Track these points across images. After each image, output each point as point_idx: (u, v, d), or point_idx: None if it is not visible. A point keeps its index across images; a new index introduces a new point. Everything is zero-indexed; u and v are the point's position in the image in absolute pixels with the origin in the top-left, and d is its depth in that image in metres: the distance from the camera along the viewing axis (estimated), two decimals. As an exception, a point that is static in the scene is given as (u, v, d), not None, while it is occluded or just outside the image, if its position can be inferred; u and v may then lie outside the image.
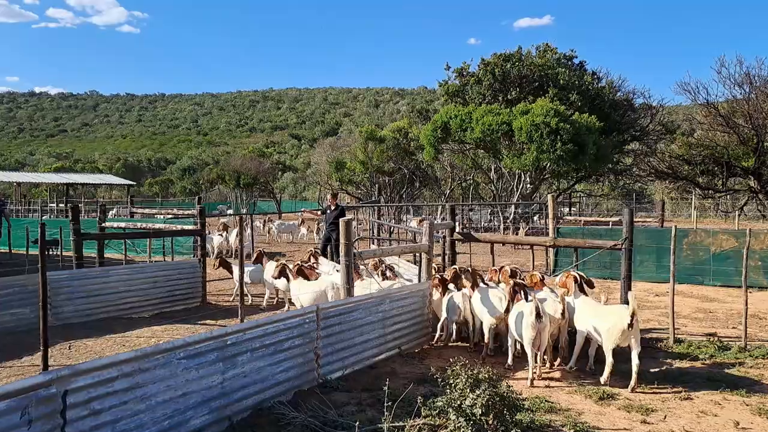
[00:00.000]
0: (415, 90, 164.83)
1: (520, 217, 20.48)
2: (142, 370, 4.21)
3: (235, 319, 9.91)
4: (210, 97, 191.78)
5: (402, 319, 7.57)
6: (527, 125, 17.67)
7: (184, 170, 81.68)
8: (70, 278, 9.20)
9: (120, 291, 9.77)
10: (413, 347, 7.76)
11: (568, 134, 17.44)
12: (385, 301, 7.25)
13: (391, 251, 7.86)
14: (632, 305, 6.07)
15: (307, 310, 6.02)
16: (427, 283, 8.19)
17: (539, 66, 21.91)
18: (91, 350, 7.77)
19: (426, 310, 8.10)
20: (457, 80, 24.07)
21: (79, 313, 9.22)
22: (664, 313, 10.38)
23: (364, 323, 6.85)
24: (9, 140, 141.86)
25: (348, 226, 6.95)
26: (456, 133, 19.41)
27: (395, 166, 28.16)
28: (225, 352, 4.93)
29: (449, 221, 9.37)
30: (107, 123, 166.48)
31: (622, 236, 8.29)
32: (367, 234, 20.23)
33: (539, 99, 19.45)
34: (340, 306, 6.52)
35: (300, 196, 59.40)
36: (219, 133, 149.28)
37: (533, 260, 9.15)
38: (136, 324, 9.29)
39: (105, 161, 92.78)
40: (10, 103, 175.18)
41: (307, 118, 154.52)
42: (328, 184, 31.73)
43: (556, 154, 17.32)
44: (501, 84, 21.93)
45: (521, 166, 18.20)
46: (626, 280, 8.27)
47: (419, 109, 31.12)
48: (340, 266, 10.43)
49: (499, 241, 8.94)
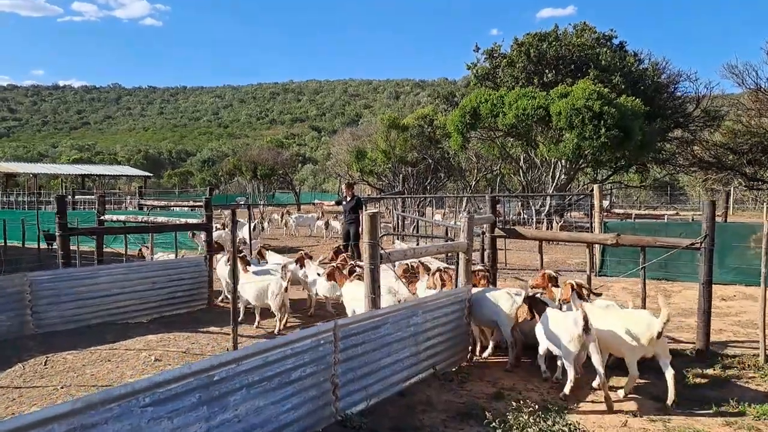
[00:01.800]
0: (435, 81, 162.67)
1: (554, 209, 18.98)
2: (86, 427, 2.97)
3: (245, 326, 8.71)
4: (231, 89, 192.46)
5: (437, 332, 6.28)
6: (567, 109, 16.11)
7: (203, 162, 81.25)
8: (54, 279, 8.04)
9: (113, 293, 8.60)
10: (450, 366, 6.47)
11: (613, 119, 15.84)
12: (417, 312, 5.96)
13: (425, 251, 6.54)
14: (665, 313, 5.12)
15: (321, 329, 4.73)
16: (466, 289, 6.87)
17: (578, 46, 20.24)
18: (70, 366, 6.60)
19: (465, 320, 6.80)
20: (487, 62, 22.49)
21: (65, 319, 8.07)
22: (737, 322, 8.92)
23: (393, 340, 5.57)
24: (33, 133, 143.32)
25: (373, 221, 5.63)
26: (486, 119, 17.89)
27: (419, 156, 26.69)
28: (211, 391, 3.67)
29: (489, 215, 8.02)
30: (129, 115, 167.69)
31: (702, 233, 6.86)
32: (390, 227, 18.90)
33: (580, 81, 17.83)
34: (364, 321, 5.23)
35: (320, 187, 58.38)
36: (239, 125, 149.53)
37: (590, 259, 7.75)
38: (131, 331, 8.13)
39: (125, 153, 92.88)
40: (34, 96, 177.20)
41: (327, 110, 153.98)
42: (348, 175, 30.39)
43: (599, 141, 15.74)
44: (536, 65, 20.30)
45: (559, 155, 16.67)
46: (706, 285, 6.85)
47: (445, 94, 29.44)
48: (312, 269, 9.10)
49: (549, 238, 7.58)
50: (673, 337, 7.87)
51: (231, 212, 5.25)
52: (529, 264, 13.78)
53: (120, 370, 6.45)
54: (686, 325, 8.63)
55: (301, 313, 9.36)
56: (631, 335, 5.33)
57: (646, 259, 7.07)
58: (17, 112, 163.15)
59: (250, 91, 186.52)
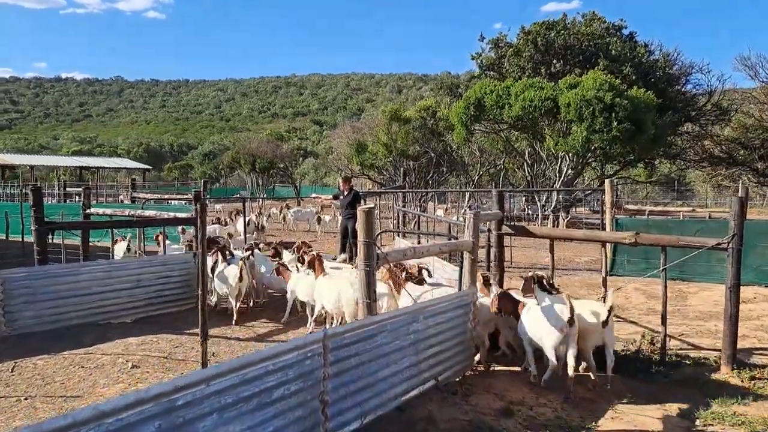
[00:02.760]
0: (438, 75, 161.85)
1: (561, 205, 18.36)
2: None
3: (240, 326, 8.18)
4: (233, 83, 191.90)
5: (440, 339, 5.71)
6: (576, 101, 15.46)
7: (204, 155, 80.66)
8: (29, 277, 7.49)
9: (94, 292, 8.06)
10: (453, 375, 5.91)
11: (625, 111, 15.17)
12: (418, 318, 5.40)
13: (426, 251, 5.96)
14: (611, 299, 5.54)
15: (308, 340, 4.16)
16: (472, 291, 6.32)
17: (587, 35, 19.52)
18: (40, 373, 6.06)
19: (470, 326, 6.24)
20: (493, 52, 21.78)
21: (42, 320, 7.53)
22: (760, 327, 8.35)
23: (391, 350, 4.99)
24: (35, 125, 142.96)
25: (368, 218, 5.06)
26: (491, 111, 17.22)
27: (421, 149, 26.00)
28: (174, 418, 3.11)
29: (497, 211, 7.44)
30: (131, 108, 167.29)
31: (729, 231, 6.27)
32: (390, 223, 18.32)
33: (590, 71, 17.14)
34: (358, 330, 4.66)
35: (321, 182, 57.83)
36: (241, 118, 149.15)
37: (605, 258, 7.16)
38: (112, 332, 7.60)
39: (126, 146, 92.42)
40: (36, 88, 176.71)
41: (329, 104, 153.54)
42: (349, 169, 29.73)
43: (610, 135, 15.08)
44: (543, 55, 19.58)
45: (567, 148, 16.02)
46: (734, 289, 6.27)
47: (448, 85, 28.58)
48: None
49: (562, 236, 7.01)
50: (693, 343, 7.33)
51: (200, 207, 4.65)
52: (535, 262, 13.18)
53: (93, 378, 5.92)
54: (706, 330, 8.07)
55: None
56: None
57: (667, 259, 6.48)
58: (19, 104, 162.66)
59: (253, 84, 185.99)
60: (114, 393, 5.52)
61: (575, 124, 15.98)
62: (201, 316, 5.33)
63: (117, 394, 5.51)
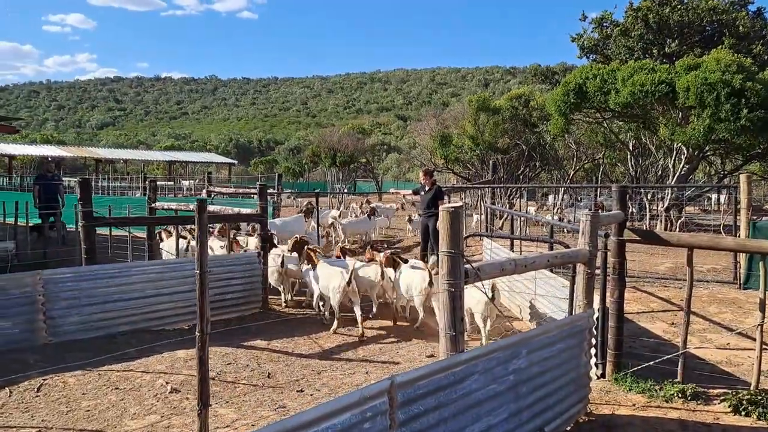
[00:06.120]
0: (527, 68, 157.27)
1: (672, 204, 16.13)
2: None
3: (305, 337, 7.14)
4: (319, 79, 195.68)
5: (546, 380, 4.29)
6: (697, 84, 13.28)
7: (290, 150, 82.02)
8: (76, 277, 6.75)
9: (147, 295, 7.24)
10: (563, 425, 4.48)
11: (758, 97, 12.86)
12: (520, 352, 3.98)
13: (531, 264, 4.54)
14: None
15: (367, 393, 2.89)
16: (587, 315, 4.88)
17: (709, 10, 16.99)
18: (67, 396, 5.19)
19: (584, 359, 4.80)
20: (596, 33, 19.60)
21: (87, 326, 6.76)
22: None
23: (484, 398, 3.63)
24: (136, 122, 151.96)
25: (454, 220, 3.72)
26: (594, 98, 15.26)
27: (511, 142, 24.15)
28: None
29: (618, 212, 5.89)
30: (224, 106, 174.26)
31: None
32: (472, 223, 16.76)
33: (713, 51, 14.78)
34: (439, 374, 3.34)
35: (403, 177, 56.79)
36: (327, 114, 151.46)
37: (736, 268, 5.44)
38: (163, 341, 6.72)
39: (218, 142, 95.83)
40: (138, 87, 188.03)
41: (413, 99, 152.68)
42: (432, 162, 28.32)
43: (738, 124, 12.83)
44: (656, 34, 17.24)
45: (686, 139, 13.84)
46: None
47: (543, 72, 26.33)
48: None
49: (706, 246, 5.35)
50: None
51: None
52: (649, 270, 11.29)
53: (123, 405, 4.98)
54: None
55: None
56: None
57: None
58: (122, 102, 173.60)
59: (338, 81, 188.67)
60: (141, 428, 4.55)
61: (695, 112, 13.78)
62: (199, 369, 4.19)
63: (144, 430, 4.54)
